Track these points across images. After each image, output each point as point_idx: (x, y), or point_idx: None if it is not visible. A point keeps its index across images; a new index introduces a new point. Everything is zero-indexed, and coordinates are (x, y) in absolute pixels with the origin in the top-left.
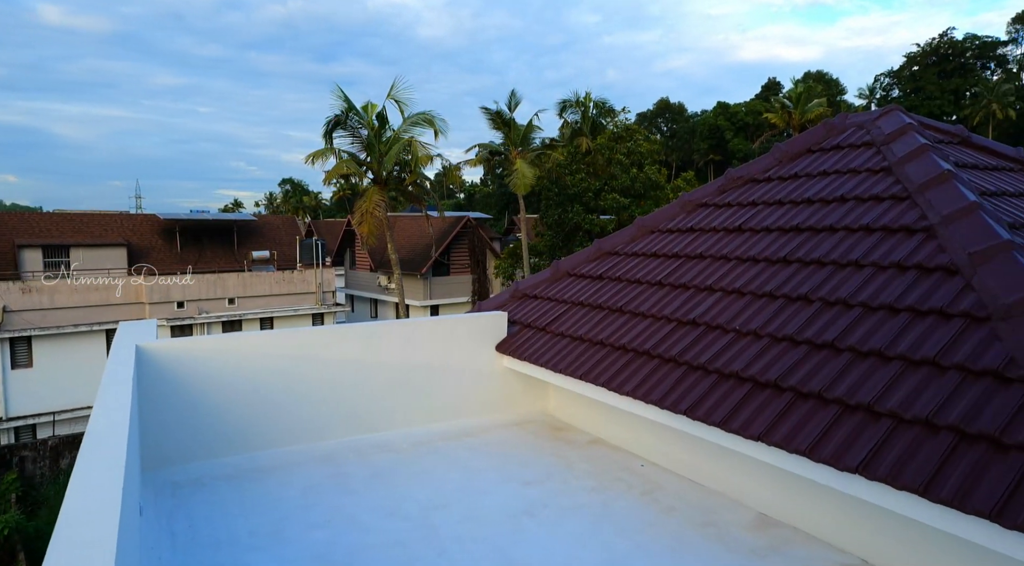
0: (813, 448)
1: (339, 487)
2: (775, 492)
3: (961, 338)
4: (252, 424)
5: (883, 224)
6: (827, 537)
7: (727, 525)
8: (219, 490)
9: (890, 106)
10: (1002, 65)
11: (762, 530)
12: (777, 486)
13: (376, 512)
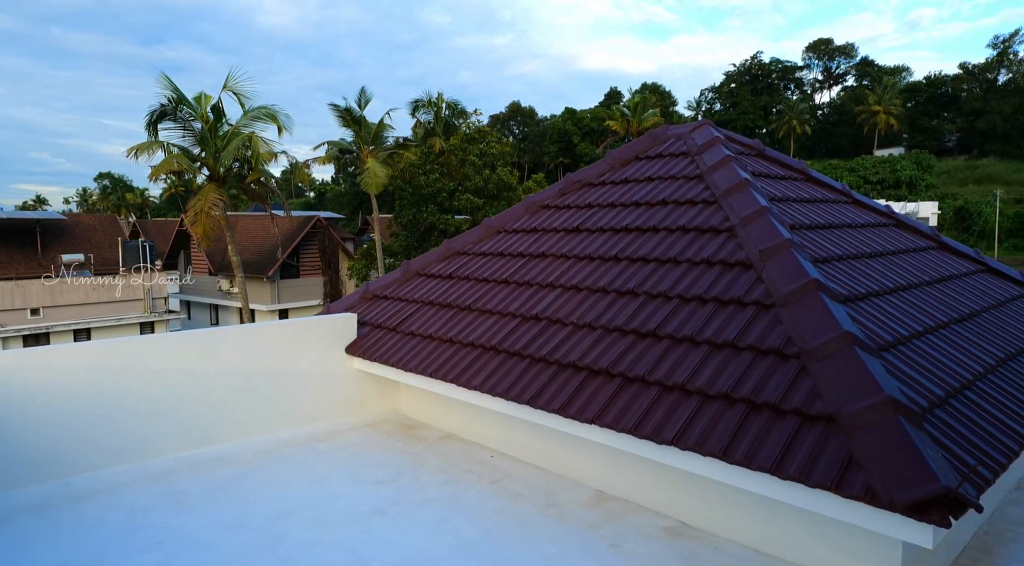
0: (637, 426)
1: (173, 506)
2: (610, 469)
3: (754, 322)
4: (64, 446)
5: (695, 225)
6: (653, 505)
7: (568, 504)
8: (22, 524)
9: (702, 121)
10: (799, 87)
11: (598, 505)
12: (611, 464)
13: (215, 527)
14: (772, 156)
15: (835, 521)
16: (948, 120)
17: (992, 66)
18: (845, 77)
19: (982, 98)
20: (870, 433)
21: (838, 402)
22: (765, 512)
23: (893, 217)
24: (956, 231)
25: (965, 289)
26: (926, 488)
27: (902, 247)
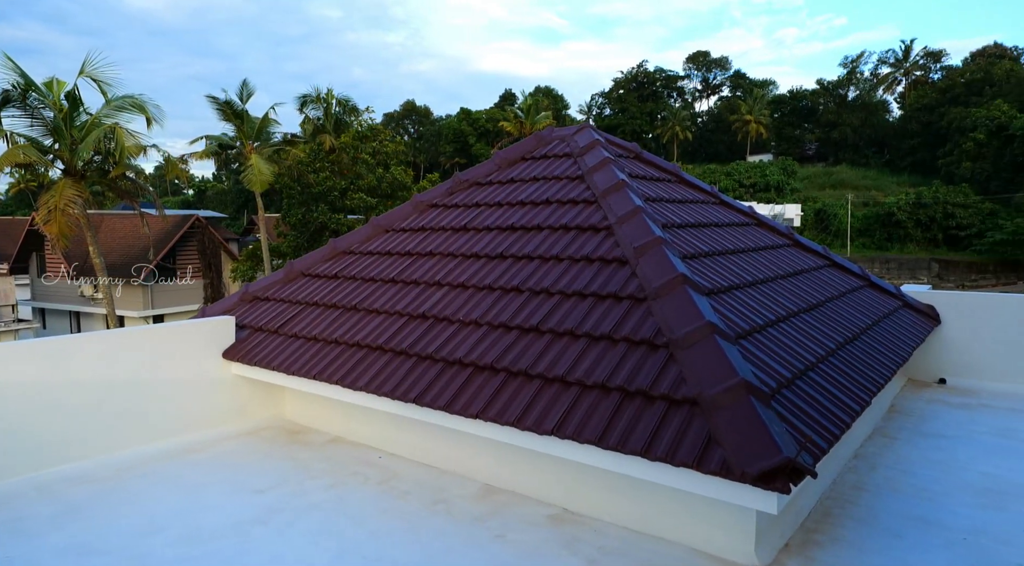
0: (520, 418)
1: (13, 533)
2: (497, 463)
3: (628, 315)
4: None
5: (577, 224)
6: (538, 495)
7: (456, 499)
8: None
9: (584, 124)
10: (681, 95)
11: (486, 498)
12: (498, 457)
13: (65, 554)
14: (649, 159)
15: (700, 496)
16: (809, 130)
17: (843, 83)
18: (721, 88)
19: (836, 111)
20: (726, 413)
21: (700, 386)
22: (639, 493)
23: (754, 217)
24: (816, 231)
25: (813, 282)
26: (771, 460)
27: (761, 244)
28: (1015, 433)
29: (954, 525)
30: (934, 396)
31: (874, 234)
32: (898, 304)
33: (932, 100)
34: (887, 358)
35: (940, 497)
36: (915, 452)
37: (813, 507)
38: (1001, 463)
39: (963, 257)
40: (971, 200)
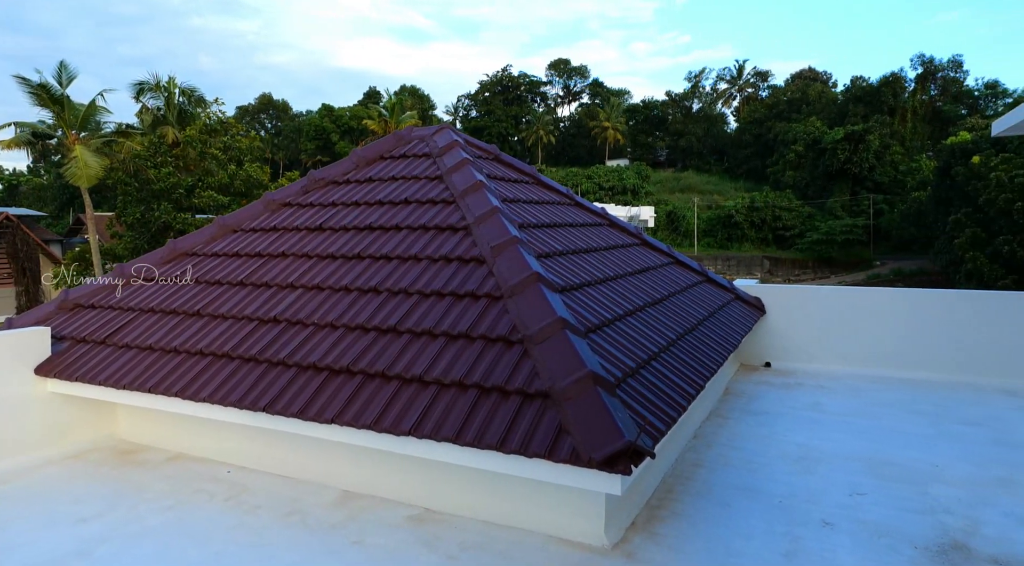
0: (377, 421)
1: None
2: (355, 468)
3: (485, 313)
4: None
5: (435, 224)
6: (398, 497)
7: (311, 509)
8: None
9: (444, 125)
10: (544, 100)
11: (344, 505)
12: (356, 462)
13: None
14: (507, 161)
15: (554, 485)
16: (660, 138)
17: (689, 96)
18: (581, 95)
19: (683, 121)
20: (575, 403)
21: (552, 379)
22: (498, 487)
23: (606, 218)
24: (668, 231)
25: (658, 278)
26: (614, 444)
27: (612, 243)
28: (822, 407)
29: (773, 491)
30: (761, 378)
31: (717, 234)
32: (731, 297)
33: (761, 114)
34: (720, 346)
35: (762, 467)
36: (744, 429)
37: (657, 486)
38: (811, 433)
39: (789, 255)
40: (794, 204)
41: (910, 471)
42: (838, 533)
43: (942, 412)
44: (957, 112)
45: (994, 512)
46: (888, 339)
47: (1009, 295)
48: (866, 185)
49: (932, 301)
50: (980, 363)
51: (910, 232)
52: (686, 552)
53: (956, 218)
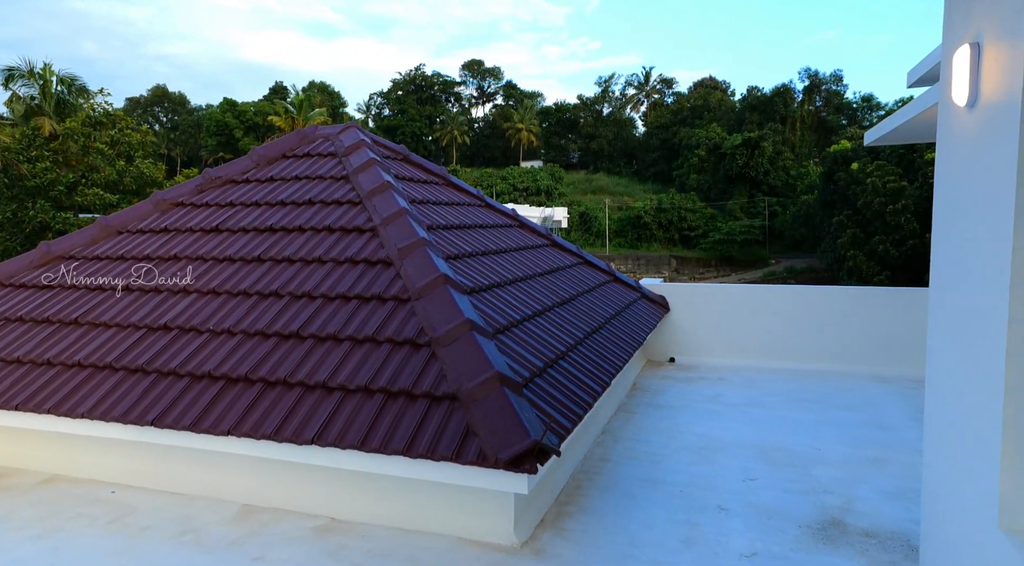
0: (278, 430)
1: None
2: (256, 480)
3: (392, 316)
4: None
5: (341, 225)
6: (303, 508)
7: (208, 526)
8: None
9: (350, 124)
10: (459, 101)
11: (244, 520)
12: (258, 474)
13: None
14: (416, 161)
15: (462, 487)
16: (572, 141)
17: (599, 100)
18: (495, 96)
19: (594, 125)
20: (482, 405)
21: (459, 381)
22: (407, 492)
23: (516, 219)
24: (580, 231)
25: (567, 279)
26: (520, 444)
27: (522, 244)
28: (721, 398)
29: (674, 481)
30: (666, 373)
31: (627, 234)
32: (637, 296)
33: (667, 120)
34: (626, 344)
35: (665, 459)
36: (649, 423)
37: (567, 482)
38: (711, 424)
39: (694, 254)
40: (698, 206)
41: (796, 455)
42: (732, 517)
43: (825, 399)
44: (839, 122)
45: (866, 489)
46: (779, 333)
47: (880, 291)
48: (762, 188)
49: (815, 297)
50: (856, 353)
51: (801, 232)
52: (592, 545)
53: (839, 220)
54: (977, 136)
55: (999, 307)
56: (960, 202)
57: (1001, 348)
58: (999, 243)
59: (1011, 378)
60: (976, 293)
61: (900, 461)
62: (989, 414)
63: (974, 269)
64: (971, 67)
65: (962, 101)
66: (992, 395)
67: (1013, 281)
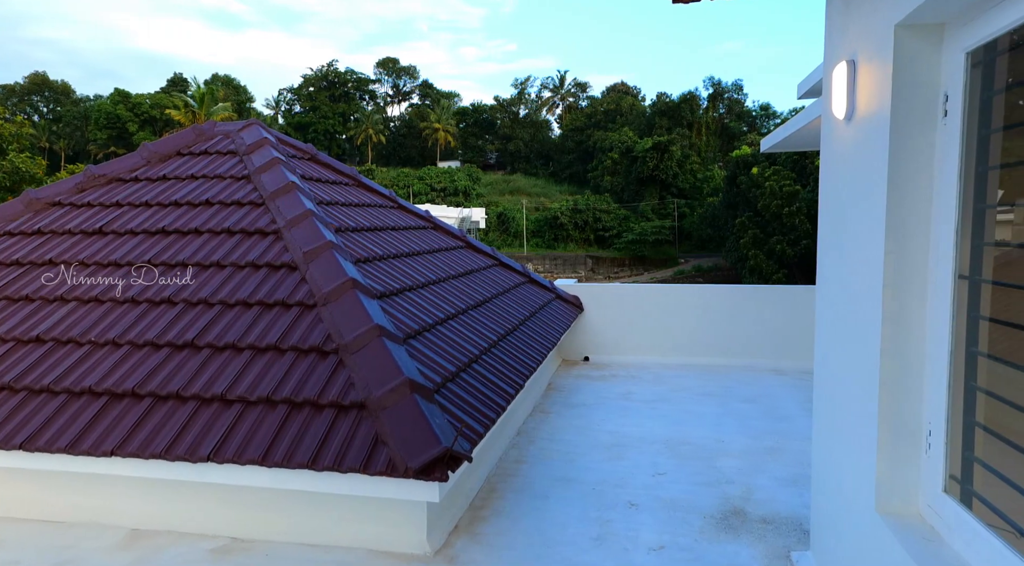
0: (170, 448)
1: None
2: (146, 503)
3: (297, 323)
4: None
5: (242, 227)
6: (200, 529)
7: (90, 555)
8: None
9: (251, 120)
10: (373, 99)
11: (132, 546)
12: (147, 496)
13: None
14: (325, 161)
15: (374, 498)
16: (489, 141)
17: (516, 102)
18: (411, 95)
19: (511, 126)
20: (392, 412)
21: (368, 389)
22: (314, 506)
23: (430, 221)
24: (499, 232)
25: (482, 281)
26: (431, 451)
27: (436, 247)
28: (632, 395)
29: (587, 479)
30: (580, 372)
31: (545, 235)
32: (552, 296)
33: (582, 123)
34: (540, 345)
35: (579, 457)
36: (564, 422)
37: (481, 485)
38: (623, 421)
39: (608, 254)
40: (612, 207)
41: (701, 448)
42: (641, 512)
43: (727, 393)
44: (740, 129)
45: (764, 478)
46: (684, 330)
47: (775, 289)
48: (671, 190)
49: (718, 295)
50: (755, 347)
51: (707, 233)
52: (506, 548)
53: (741, 221)
54: (854, 147)
55: (874, 306)
56: (840, 208)
57: (876, 344)
58: (873, 247)
59: (885, 372)
60: (855, 293)
61: (794, 449)
62: (867, 405)
63: (853, 271)
64: (848, 83)
65: (840, 114)
66: (869, 387)
67: (885, 282)
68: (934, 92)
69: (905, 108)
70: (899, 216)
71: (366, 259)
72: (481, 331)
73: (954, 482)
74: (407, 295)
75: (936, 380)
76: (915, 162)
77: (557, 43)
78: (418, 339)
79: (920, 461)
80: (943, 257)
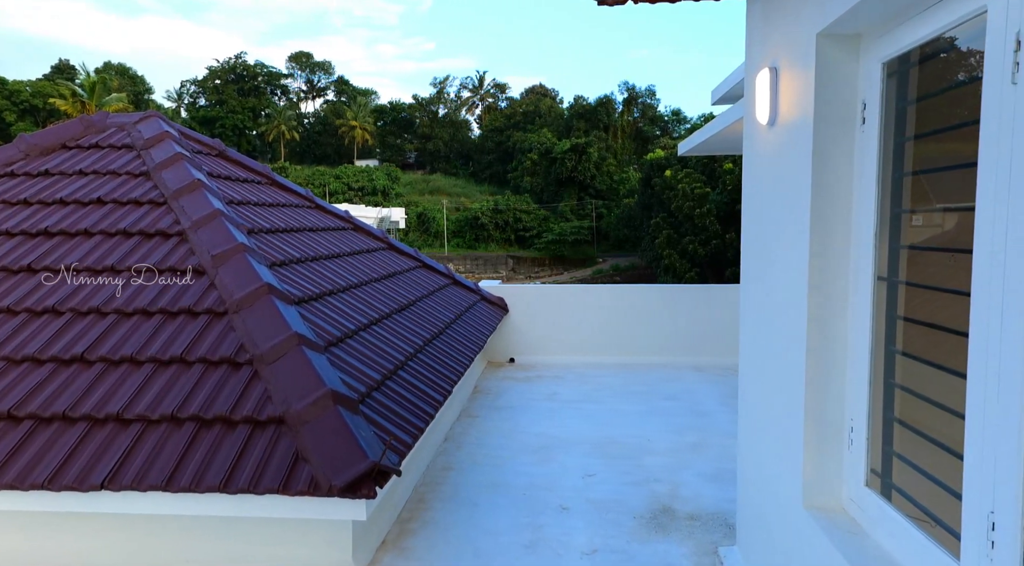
0: (54, 477)
1: None
2: (27, 540)
3: (205, 333)
4: None
5: (141, 228)
6: (93, 563)
7: None
8: None
9: (150, 112)
10: (286, 94)
11: None
12: (29, 532)
13: None
14: (234, 157)
15: (294, 519)
16: (408, 140)
17: (435, 101)
18: (326, 91)
19: (430, 126)
20: (313, 427)
21: (286, 403)
22: (229, 530)
23: (350, 221)
24: (419, 232)
25: (406, 283)
26: (357, 467)
27: (356, 248)
28: (558, 396)
29: (516, 483)
30: (506, 374)
31: (466, 235)
32: (476, 298)
33: (501, 124)
34: (467, 348)
35: (508, 462)
36: (492, 425)
37: (409, 496)
38: (550, 423)
39: (529, 254)
40: (532, 208)
41: (629, 447)
42: (573, 516)
43: (650, 390)
44: (653, 133)
45: (689, 474)
46: (607, 329)
47: (693, 288)
48: (589, 191)
49: (638, 295)
50: (675, 345)
51: (624, 233)
52: (436, 561)
53: (655, 221)
54: (776, 150)
55: (799, 307)
56: (764, 210)
57: (802, 344)
58: (798, 249)
59: (811, 371)
60: (780, 293)
61: (715, 444)
62: (792, 403)
63: (778, 272)
64: (771, 89)
65: (763, 119)
66: (795, 385)
67: (810, 284)
68: (853, 99)
69: (826, 114)
70: (823, 219)
71: (282, 262)
72: (406, 336)
73: (875, 476)
74: (327, 300)
75: (858, 377)
76: (836, 167)
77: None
78: (340, 347)
79: (843, 456)
80: (863, 259)
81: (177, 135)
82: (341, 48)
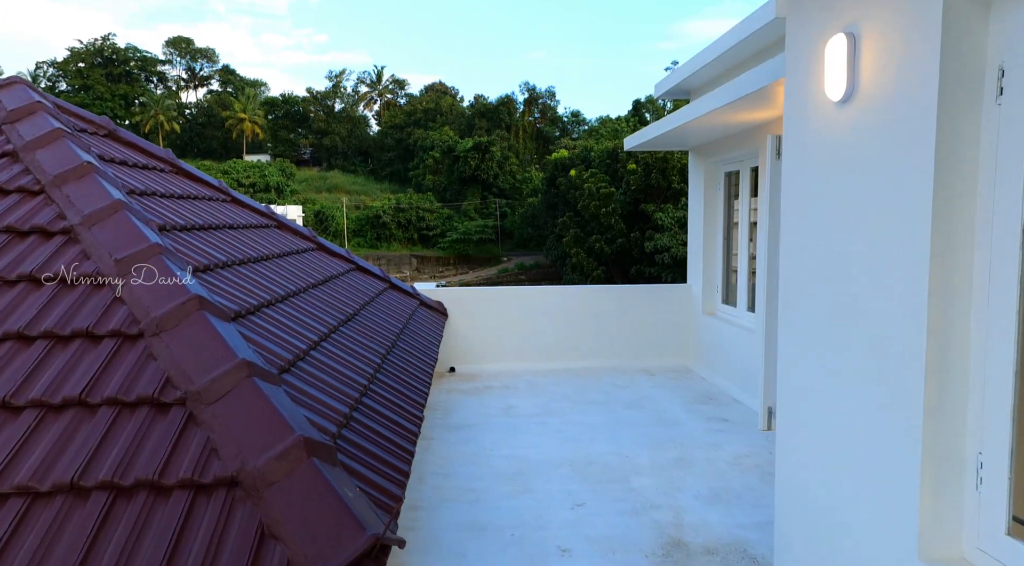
0: None
1: None
2: None
3: (113, 363)
4: None
5: (9, 224)
6: None
7: None
8: None
9: (13, 77)
10: (164, 82)
11: None
12: None
13: None
14: (128, 139)
15: None
16: (303, 135)
17: (330, 95)
18: (210, 80)
19: (326, 120)
20: (283, 489)
21: (240, 457)
22: None
23: (274, 218)
24: (318, 231)
25: (344, 288)
26: (355, 544)
27: (286, 250)
28: (514, 409)
29: (501, 522)
30: (451, 385)
31: (367, 234)
32: (417, 303)
33: (401, 121)
34: (423, 362)
35: (483, 495)
36: (451, 450)
37: None
38: (513, 442)
39: (433, 253)
40: (435, 206)
41: (610, 468)
42: (577, 560)
43: (609, 399)
44: (554, 133)
45: (687, 497)
46: (552, 333)
47: (636, 288)
48: (493, 190)
49: (578, 296)
50: (622, 348)
51: (528, 232)
52: None
53: (562, 220)
54: (858, 132)
55: (916, 316)
56: (832, 201)
57: (920, 363)
58: (911, 248)
59: (931, 396)
60: (870, 300)
61: (700, 459)
62: (905, 434)
63: (866, 275)
64: (848, 59)
65: (836, 95)
66: (908, 413)
67: (931, 290)
68: (982, 66)
69: (950, 85)
70: (946, 214)
71: (207, 267)
72: (361, 353)
73: (1018, 524)
74: (265, 313)
75: (996, 404)
76: (962, 151)
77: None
78: (292, 373)
79: (964, 498)
80: (1003, 259)
81: (52, 107)
82: (224, 35)
